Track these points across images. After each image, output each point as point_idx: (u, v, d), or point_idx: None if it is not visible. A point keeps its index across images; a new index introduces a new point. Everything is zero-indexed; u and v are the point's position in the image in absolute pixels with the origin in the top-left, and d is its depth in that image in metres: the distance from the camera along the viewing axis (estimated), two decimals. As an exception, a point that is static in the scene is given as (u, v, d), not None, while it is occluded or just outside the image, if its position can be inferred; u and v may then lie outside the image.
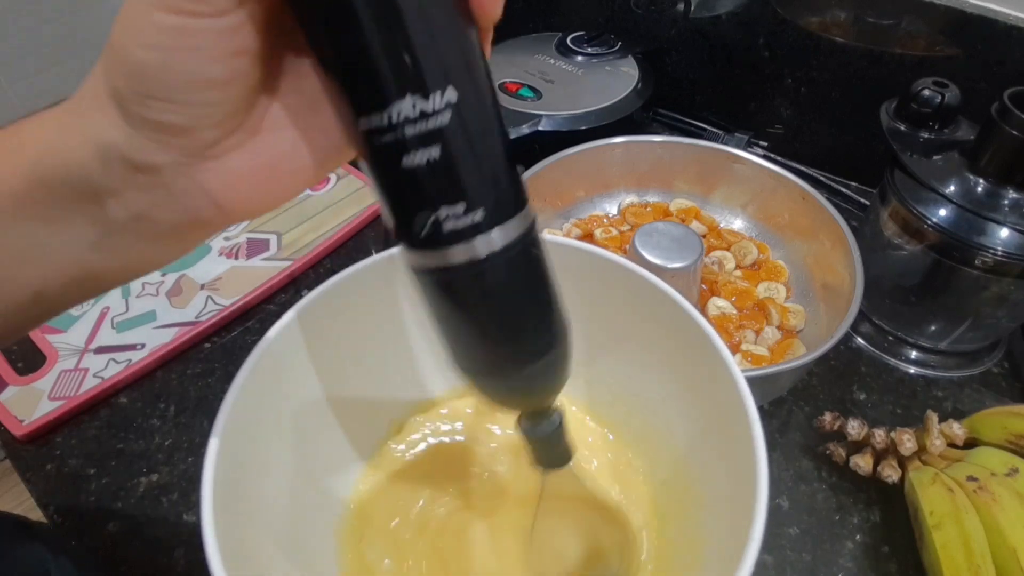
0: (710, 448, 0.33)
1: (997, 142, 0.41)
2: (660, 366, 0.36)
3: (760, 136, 0.67)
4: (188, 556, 0.40)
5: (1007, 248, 0.41)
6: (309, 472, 0.35)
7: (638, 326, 0.36)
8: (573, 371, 0.24)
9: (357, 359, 0.37)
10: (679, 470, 0.36)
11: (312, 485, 0.35)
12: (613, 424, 0.41)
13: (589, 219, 0.57)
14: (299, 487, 0.34)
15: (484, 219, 0.19)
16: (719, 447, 0.32)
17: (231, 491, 0.27)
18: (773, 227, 0.55)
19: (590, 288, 0.35)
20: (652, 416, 0.38)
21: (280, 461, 0.33)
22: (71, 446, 0.45)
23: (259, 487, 0.31)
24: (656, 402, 0.37)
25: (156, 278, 0.55)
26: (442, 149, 0.18)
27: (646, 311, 0.34)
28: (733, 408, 0.29)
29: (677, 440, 0.36)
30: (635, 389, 0.38)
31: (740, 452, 0.28)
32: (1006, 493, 0.36)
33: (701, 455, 0.34)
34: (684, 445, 0.36)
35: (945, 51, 0.53)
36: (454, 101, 0.17)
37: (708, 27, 0.64)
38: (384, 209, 0.20)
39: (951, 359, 0.50)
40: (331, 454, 0.37)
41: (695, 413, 0.34)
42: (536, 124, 0.55)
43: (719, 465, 0.32)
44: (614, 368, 0.39)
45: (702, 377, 0.32)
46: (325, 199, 0.62)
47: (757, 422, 0.28)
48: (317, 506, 0.35)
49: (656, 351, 0.36)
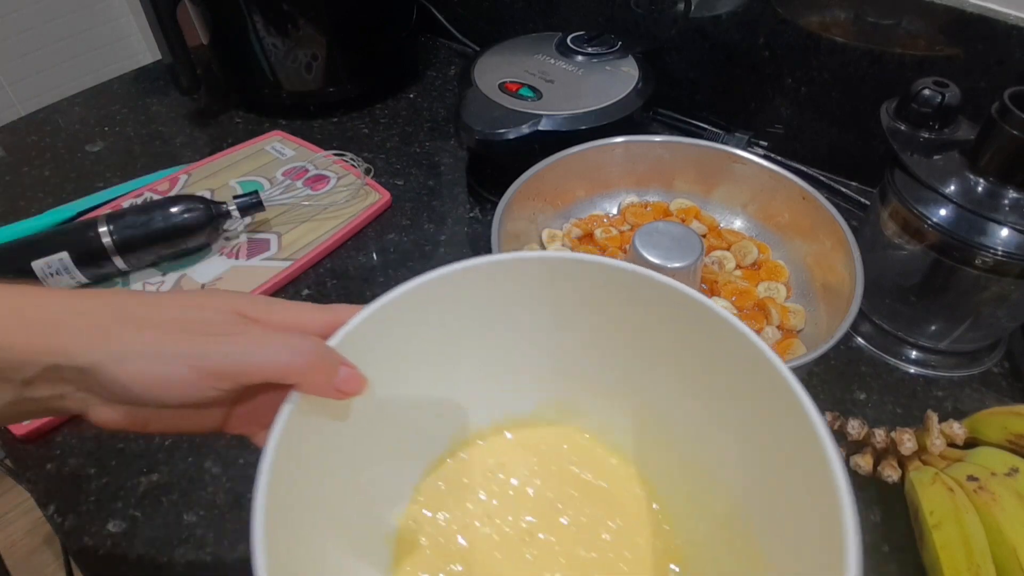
0: (771, 499, 0.30)
1: (997, 142, 0.41)
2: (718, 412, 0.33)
3: (760, 136, 0.68)
4: (188, 556, 0.40)
5: (1007, 248, 0.41)
6: (365, 490, 0.33)
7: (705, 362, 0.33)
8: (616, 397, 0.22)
9: (429, 366, 0.35)
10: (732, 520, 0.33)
11: (366, 506, 0.34)
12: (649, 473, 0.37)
13: (589, 219, 0.57)
14: (351, 508, 0.32)
15: None
16: (786, 499, 0.29)
17: (282, 510, 0.26)
18: (773, 227, 0.55)
19: (638, 315, 0.33)
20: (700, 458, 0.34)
21: (335, 477, 0.31)
22: (71, 446, 0.45)
23: (311, 504, 0.29)
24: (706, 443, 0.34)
25: (157, 278, 0.55)
26: None
27: (716, 350, 0.31)
28: (807, 458, 0.26)
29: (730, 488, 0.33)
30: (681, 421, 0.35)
31: (817, 504, 0.25)
32: (1006, 493, 0.36)
33: (760, 504, 0.31)
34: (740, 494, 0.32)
35: (945, 51, 0.53)
36: None
37: (708, 27, 0.64)
38: None
39: (951, 359, 0.50)
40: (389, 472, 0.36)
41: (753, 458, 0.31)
42: (536, 124, 0.55)
43: (786, 518, 0.28)
44: (662, 399, 0.36)
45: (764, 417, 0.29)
46: (325, 199, 0.62)
47: (843, 477, 0.24)
48: (370, 528, 0.34)
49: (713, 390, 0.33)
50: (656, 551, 0.34)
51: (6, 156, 0.70)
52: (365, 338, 0.30)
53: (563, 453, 0.39)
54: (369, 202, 0.62)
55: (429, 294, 0.33)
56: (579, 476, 0.37)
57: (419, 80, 0.81)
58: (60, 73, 1.37)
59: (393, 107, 0.77)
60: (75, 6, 1.34)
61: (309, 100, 0.75)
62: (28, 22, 1.30)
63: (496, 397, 0.39)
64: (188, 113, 0.76)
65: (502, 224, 0.49)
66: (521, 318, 0.36)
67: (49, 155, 0.70)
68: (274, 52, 0.69)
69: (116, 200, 0.62)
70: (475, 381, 0.37)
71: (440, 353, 0.35)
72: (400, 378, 0.34)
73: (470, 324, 0.35)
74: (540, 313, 0.36)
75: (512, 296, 0.35)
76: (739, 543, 0.31)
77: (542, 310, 0.36)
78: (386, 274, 0.57)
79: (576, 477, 0.37)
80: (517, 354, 0.37)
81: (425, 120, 0.75)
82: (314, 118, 0.75)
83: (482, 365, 0.37)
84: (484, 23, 0.83)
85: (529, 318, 0.36)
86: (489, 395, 0.38)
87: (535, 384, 0.39)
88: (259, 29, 0.67)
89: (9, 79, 1.32)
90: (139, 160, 0.69)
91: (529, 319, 0.36)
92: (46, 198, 0.64)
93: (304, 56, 0.70)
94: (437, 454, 0.38)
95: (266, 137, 0.70)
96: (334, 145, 0.70)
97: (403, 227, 0.61)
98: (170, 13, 0.65)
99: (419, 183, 0.66)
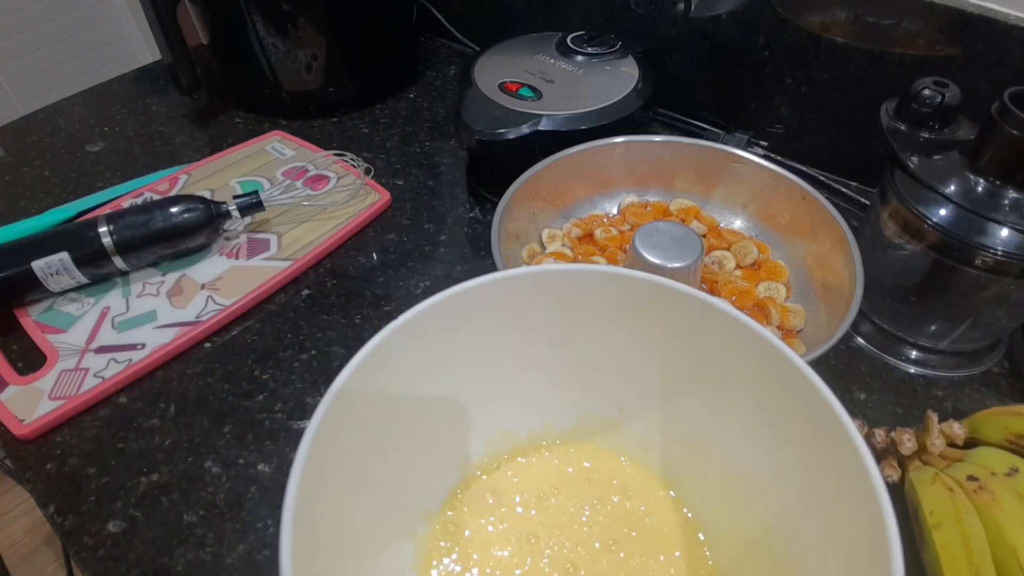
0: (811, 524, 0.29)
1: (997, 142, 0.41)
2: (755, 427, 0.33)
3: (760, 136, 0.67)
4: (188, 556, 0.40)
5: (1007, 248, 0.41)
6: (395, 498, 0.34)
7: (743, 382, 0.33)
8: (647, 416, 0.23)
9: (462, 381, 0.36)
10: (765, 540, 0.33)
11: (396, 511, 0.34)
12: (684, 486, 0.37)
13: (589, 219, 0.57)
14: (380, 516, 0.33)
15: None
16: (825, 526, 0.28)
17: (308, 517, 0.26)
18: (773, 227, 0.55)
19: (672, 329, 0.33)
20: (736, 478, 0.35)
21: (367, 485, 0.32)
22: (71, 446, 0.45)
23: (339, 511, 0.30)
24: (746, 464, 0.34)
25: (157, 278, 0.55)
26: None
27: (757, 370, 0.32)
28: (850, 482, 0.26)
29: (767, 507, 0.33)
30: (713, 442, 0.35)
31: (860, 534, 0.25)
32: (1006, 493, 0.36)
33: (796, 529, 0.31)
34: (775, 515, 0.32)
35: (945, 51, 0.53)
36: None
37: (708, 27, 0.64)
38: None
39: (951, 359, 0.50)
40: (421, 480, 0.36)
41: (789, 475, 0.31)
42: (536, 124, 0.55)
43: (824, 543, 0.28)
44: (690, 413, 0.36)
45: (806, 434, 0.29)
46: (325, 199, 0.62)
47: (882, 486, 0.25)
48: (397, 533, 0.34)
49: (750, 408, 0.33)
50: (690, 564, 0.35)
51: (6, 156, 0.70)
52: (397, 347, 0.31)
53: (592, 471, 0.39)
54: (369, 202, 0.62)
55: (468, 301, 0.33)
56: (618, 502, 0.38)
57: (419, 80, 0.81)
58: (60, 73, 1.37)
59: (393, 107, 0.77)
60: (75, 6, 1.34)
61: (309, 100, 0.75)
62: (28, 22, 1.30)
63: (535, 411, 0.39)
64: (188, 113, 0.76)
65: (502, 224, 0.49)
66: (562, 331, 0.36)
67: (49, 155, 0.70)
68: (274, 52, 0.69)
69: (116, 200, 0.62)
70: (511, 394, 0.38)
71: (474, 362, 0.36)
72: (432, 389, 0.34)
73: (513, 333, 0.36)
74: (581, 325, 0.36)
75: (551, 308, 0.35)
76: (775, 560, 0.31)
77: (582, 322, 0.36)
78: (386, 274, 0.57)
79: (610, 498, 0.38)
80: (553, 369, 0.38)
81: (425, 120, 0.75)
82: (314, 118, 0.75)
83: (516, 378, 0.38)
84: (484, 23, 0.83)
85: (569, 331, 0.36)
86: (527, 409, 0.39)
87: (573, 399, 0.39)
88: (259, 29, 0.67)
89: (9, 79, 1.33)
90: (139, 160, 0.69)
91: (569, 332, 0.36)
92: (46, 198, 0.64)
93: (304, 56, 0.70)
94: (465, 473, 0.38)
95: (266, 137, 0.70)
96: (334, 145, 0.70)
97: (403, 227, 0.61)
98: (170, 13, 0.65)
99: (419, 183, 0.66)
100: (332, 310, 0.54)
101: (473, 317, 0.34)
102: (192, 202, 0.55)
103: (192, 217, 0.54)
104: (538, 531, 0.36)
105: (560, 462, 0.39)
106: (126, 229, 0.52)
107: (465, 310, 0.34)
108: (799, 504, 0.31)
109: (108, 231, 0.52)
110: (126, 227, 0.52)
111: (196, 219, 0.54)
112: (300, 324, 0.53)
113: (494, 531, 0.36)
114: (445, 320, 0.33)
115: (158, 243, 0.54)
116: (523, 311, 0.35)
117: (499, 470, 0.39)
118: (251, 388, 0.48)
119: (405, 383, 0.33)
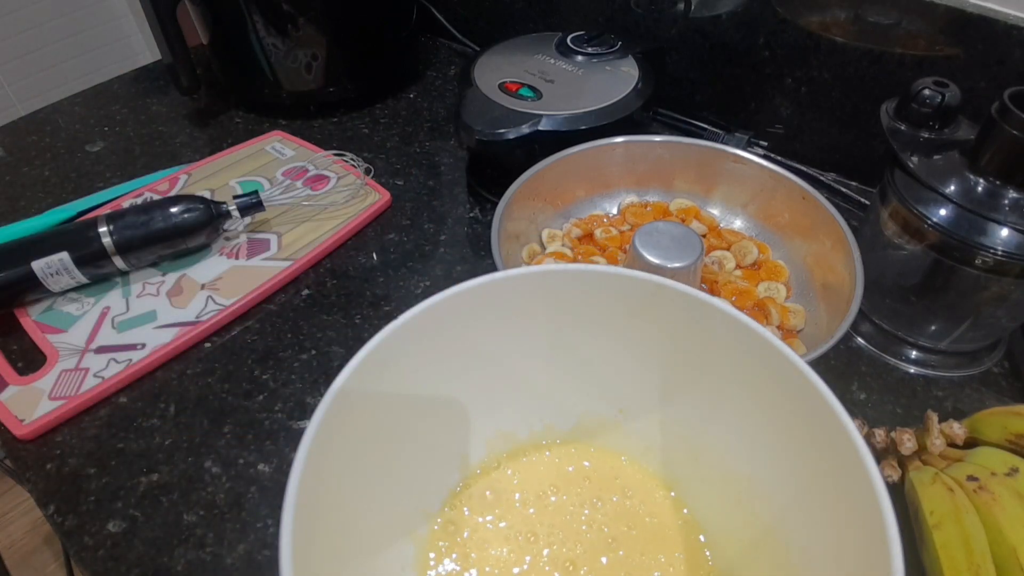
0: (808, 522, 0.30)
1: (997, 142, 0.41)
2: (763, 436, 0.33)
3: (760, 136, 0.68)
4: (188, 556, 0.40)
5: (1007, 248, 0.41)
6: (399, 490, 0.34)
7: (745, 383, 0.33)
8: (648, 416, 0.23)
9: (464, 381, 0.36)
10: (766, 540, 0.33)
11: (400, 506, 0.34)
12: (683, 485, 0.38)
13: (589, 219, 0.57)
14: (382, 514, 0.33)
15: None
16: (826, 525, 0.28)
17: (309, 515, 0.26)
18: (773, 227, 0.55)
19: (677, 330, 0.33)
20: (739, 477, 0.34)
21: (367, 479, 0.32)
22: (71, 446, 0.45)
23: (339, 507, 0.30)
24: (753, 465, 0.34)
25: (157, 278, 0.55)
26: None
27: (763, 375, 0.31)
28: (851, 484, 0.26)
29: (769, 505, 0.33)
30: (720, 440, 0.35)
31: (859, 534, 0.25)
32: (1006, 493, 0.36)
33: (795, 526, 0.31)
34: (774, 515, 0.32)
35: (945, 51, 0.53)
36: None
37: (708, 27, 0.64)
38: None
39: (951, 359, 0.50)
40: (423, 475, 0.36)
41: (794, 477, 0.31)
42: (536, 124, 0.55)
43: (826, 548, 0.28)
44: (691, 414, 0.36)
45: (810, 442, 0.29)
46: (325, 199, 0.62)
47: (882, 486, 0.25)
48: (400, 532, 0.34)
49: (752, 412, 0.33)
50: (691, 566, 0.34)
51: (6, 156, 0.70)
52: (397, 347, 0.31)
53: (592, 470, 0.39)
54: (369, 202, 0.62)
55: (468, 301, 0.33)
56: (618, 501, 0.38)
57: (419, 80, 0.81)
58: (60, 73, 1.37)
59: (393, 107, 0.77)
60: (75, 6, 1.34)
61: (309, 100, 0.75)
62: (28, 22, 1.30)
63: (535, 411, 0.39)
64: (188, 113, 0.76)
65: (502, 224, 0.49)
66: (562, 332, 0.36)
67: (49, 155, 0.70)
68: (274, 52, 0.69)
69: (116, 200, 0.62)
70: (511, 395, 0.38)
71: (475, 362, 0.36)
72: (432, 389, 0.34)
73: (516, 332, 0.36)
74: (582, 326, 0.36)
75: (551, 308, 0.35)
76: (774, 560, 0.31)
77: (583, 323, 0.36)
78: (386, 274, 0.57)
79: (609, 497, 0.38)
80: (553, 370, 0.38)
81: (425, 120, 0.75)
82: (314, 118, 0.75)
83: (517, 379, 0.38)
84: (484, 23, 0.83)
85: (569, 332, 0.36)
86: (527, 410, 0.39)
87: (573, 400, 0.39)
88: (259, 29, 0.67)
89: (9, 79, 1.32)
90: (139, 160, 0.69)
91: (569, 333, 0.36)
92: (46, 198, 0.64)
93: (304, 56, 0.70)
94: (465, 474, 0.38)
95: (266, 137, 0.70)
96: (334, 145, 0.70)
97: (403, 227, 0.61)
98: (170, 13, 0.65)
99: (419, 183, 0.66)
100: (332, 310, 0.54)
101: (473, 317, 0.34)
102: (192, 202, 0.55)
103: (192, 217, 0.54)
104: (537, 529, 0.36)
105: (560, 461, 0.39)
106: (126, 229, 0.52)
107: (465, 310, 0.34)
108: (799, 504, 0.31)
109: (108, 231, 0.52)
110: (126, 227, 0.52)
111: (196, 219, 0.54)
112: (300, 324, 0.53)
113: (493, 529, 0.36)
114: (445, 320, 0.33)
115: (158, 243, 0.54)
116: (523, 311, 0.35)
117: (499, 469, 0.39)
118: (251, 388, 0.48)
119: (405, 383, 0.33)
